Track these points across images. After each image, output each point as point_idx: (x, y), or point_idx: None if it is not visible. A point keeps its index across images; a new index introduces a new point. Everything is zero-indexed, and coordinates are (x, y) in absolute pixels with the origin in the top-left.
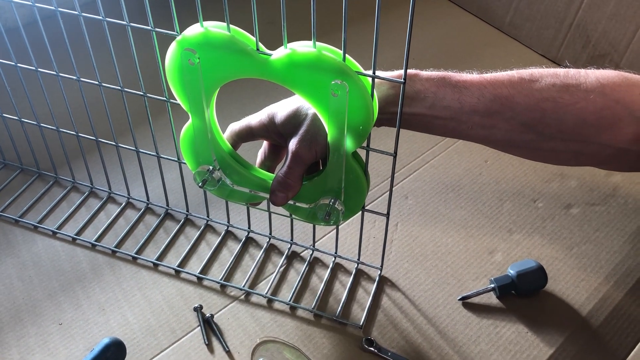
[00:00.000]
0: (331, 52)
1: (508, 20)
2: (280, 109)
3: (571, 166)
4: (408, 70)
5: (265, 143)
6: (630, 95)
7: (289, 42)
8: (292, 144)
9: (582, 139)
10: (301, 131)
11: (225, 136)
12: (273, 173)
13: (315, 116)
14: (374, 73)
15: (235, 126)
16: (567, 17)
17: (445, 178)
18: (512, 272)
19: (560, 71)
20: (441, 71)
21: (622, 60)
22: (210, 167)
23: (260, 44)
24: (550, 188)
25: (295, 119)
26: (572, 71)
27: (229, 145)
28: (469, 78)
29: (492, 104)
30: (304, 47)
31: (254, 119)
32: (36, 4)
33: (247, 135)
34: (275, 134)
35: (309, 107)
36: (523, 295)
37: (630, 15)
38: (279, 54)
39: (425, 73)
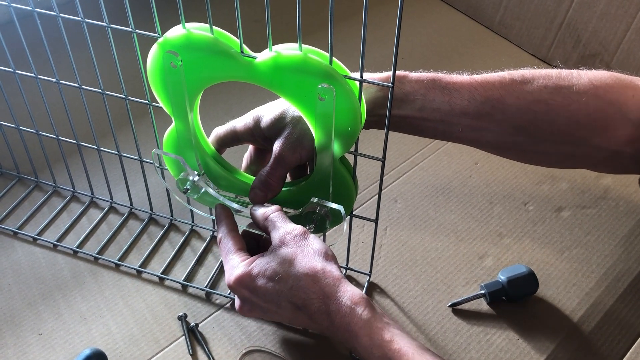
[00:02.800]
0: (317, 54)
1: (498, 19)
2: (266, 112)
3: (563, 168)
4: (397, 72)
5: (250, 147)
6: (623, 97)
7: (275, 40)
8: (276, 146)
9: (574, 141)
10: (285, 134)
11: (209, 140)
12: None
13: (300, 119)
14: (361, 76)
15: (220, 130)
16: (558, 16)
17: (434, 181)
18: (502, 277)
19: (552, 72)
20: (430, 72)
21: (613, 60)
22: (191, 176)
23: (244, 46)
24: (540, 190)
25: (280, 122)
26: (565, 72)
27: (214, 150)
28: (459, 79)
29: (483, 106)
30: (289, 50)
31: (239, 122)
32: (12, 4)
33: (232, 139)
34: (261, 137)
35: (295, 110)
36: (514, 301)
37: (621, 15)
38: (263, 57)
39: (414, 75)
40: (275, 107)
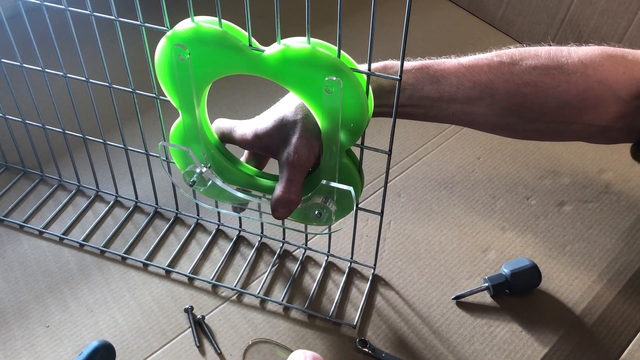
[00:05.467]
0: (325, 47)
1: (500, 15)
2: (261, 123)
3: (556, 142)
4: (386, 62)
5: (245, 152)
6: (614, 74)
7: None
8: (290, 154)
9: (564, 120)
10: (295, 140)
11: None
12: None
13: (305, 120)
14: (369, 69)
15: (221, 125)
16: (559, 12)
17: (438, 175)
18: (506, 270)
19: (542, 51)
20: (418, 60)
21: None
22: (198, 168)
23: (252, 39)
24: (543, 185)
25: (283, 129)
26: (554, 51)
27: (219, 141)
28: (447, 66)
29: (472, 91)
30: (297, 43)
31: (238, 130)
32: None
33: (230, 140)
34: (261, 148)
35: (295, 113)
36: (517, 294)
37: (622, 11)
38: (271, 50)
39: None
40: (272, 115)
